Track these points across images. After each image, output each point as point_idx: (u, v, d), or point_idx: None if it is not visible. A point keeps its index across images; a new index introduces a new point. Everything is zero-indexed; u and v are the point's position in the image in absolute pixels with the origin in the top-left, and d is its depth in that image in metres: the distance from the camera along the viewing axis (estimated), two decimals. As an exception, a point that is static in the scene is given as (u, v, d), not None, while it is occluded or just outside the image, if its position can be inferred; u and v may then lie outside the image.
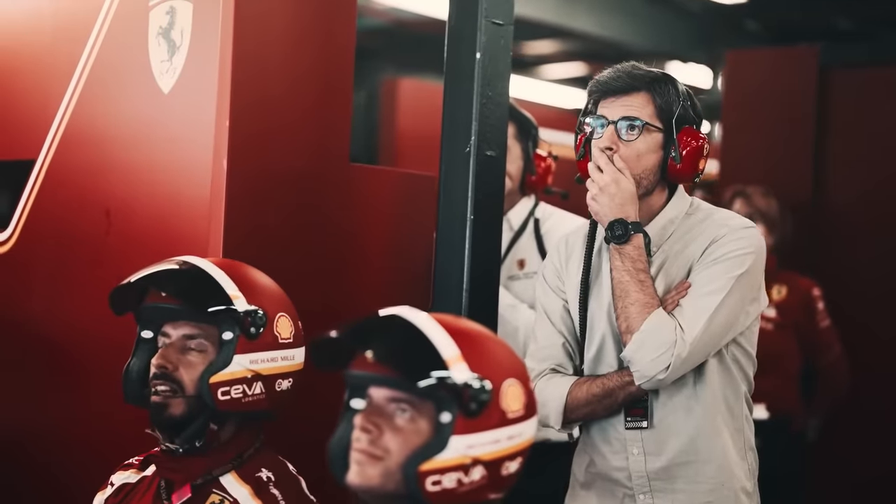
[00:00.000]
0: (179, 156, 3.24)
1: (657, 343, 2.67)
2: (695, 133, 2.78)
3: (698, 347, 2.69)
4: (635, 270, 2.72)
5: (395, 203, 3.57)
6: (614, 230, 2.73)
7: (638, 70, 2.81)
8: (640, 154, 2.76)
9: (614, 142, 2.76)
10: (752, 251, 2.76)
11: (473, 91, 3.24)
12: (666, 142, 2.78)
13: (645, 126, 2.76)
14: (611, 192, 2.72)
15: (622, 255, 2.73)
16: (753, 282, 2.78)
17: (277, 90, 3.23)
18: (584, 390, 2.82)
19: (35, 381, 3.68)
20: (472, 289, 3.24)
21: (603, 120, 2.79)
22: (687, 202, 2.87)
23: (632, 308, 2.71)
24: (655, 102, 2.77)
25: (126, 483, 2.72)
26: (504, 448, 2.03)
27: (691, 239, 2.80)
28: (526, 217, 3.92)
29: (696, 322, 2.68)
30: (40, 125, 3.63)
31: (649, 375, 2.69)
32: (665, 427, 2.80)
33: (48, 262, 3.64)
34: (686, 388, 2.78)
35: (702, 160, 2.80)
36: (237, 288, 2.57)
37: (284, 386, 2.62)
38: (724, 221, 2.81)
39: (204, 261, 2.63)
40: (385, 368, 2.04)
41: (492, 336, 2.15)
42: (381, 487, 2.03)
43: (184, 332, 2.56)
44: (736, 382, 2.82)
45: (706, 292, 2.71)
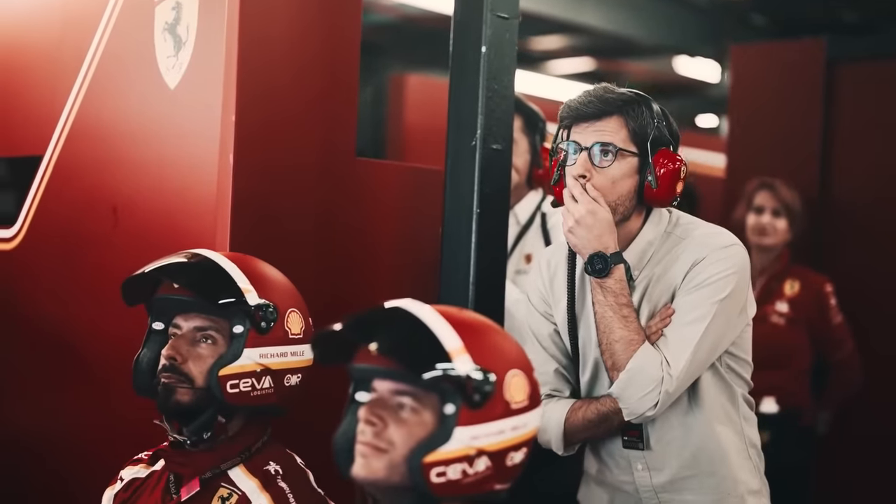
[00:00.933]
0: (186, 151, 3.24)
1: (644, 381, 2.64)
2: (671, 155, 2.71)
3: (685, 378, 2.67)
4: (618, 305, 2.67)
5: (401, 197, 3.57)
6: (594, 264, 2.67)
7: (610, 93, 2.72)
8: (616, 180, 2.69)
9: (588, 169, 2.69)
10: (734, 271, 2.69)
11: (479, 85, 3.23)
12: (641, 165, 2.70)
13: (619, 151, 2.68)
14: (587, 224, 2.66)
15: (604, 289, 2.68)
16: (738, 300, 2.72)
17: (283, 85, 3.24)
18: (580, 416, 2.79)
19: (42, 377, 3.69)
20: (478, 283, 3.24)
21: (576, 146, 2.72)
22: (665, 220, 2.79)
23: (616, 345, 2.67)
24: (629, 126, 2.70)
25: (135, 478, 2.73)
26: (508, 439, 2.04)
27: (672, 261, 2.73)
28: (533, 211, 3.91)
29: (681, 354, 2.65)
30: (47, 121, 3.65)
31: (637, 413, 2.68)
32: (664, 445, 2.79)
33: (55, 259, 3.66)
34: (681, 405, 2.76)
35: (679, 182, 2.72)
36: (249, 282, 2.57)
37: (293, 381, 2.62)
38: (704, 241, 2.73)
39: (216, 254, 2.64)
40: (389, 361, 2.04)
41: (495, 327, 2.15)
42: (386, 480, 2.03)
43: (195, 324, 2.57)
44: (731, 389, 2.80)
45: (689, 320, 2.66)
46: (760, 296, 5.18)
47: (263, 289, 2.58)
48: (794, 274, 5.24)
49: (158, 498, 2.63)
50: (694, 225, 2.80)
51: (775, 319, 5.18)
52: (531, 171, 3.93)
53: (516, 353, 2.12)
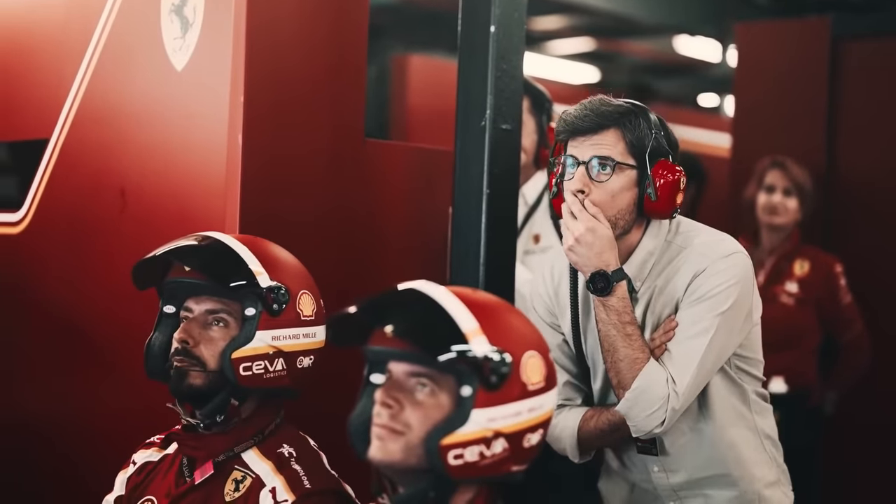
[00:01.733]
0: (194, 133, 3.23)
1: (650, 400, 2.63)
2: (670, 166, 2.68)
3: (691, 393, 2.66)
4: (621, 324, 2.65)
5: (410, 178, 3.56)
6: (596, 283, 2.64)
7: (606, 106, 2.68)
8: (615, 194, 2.65)
9: (586, 184, 2.65)
10: (736, 282, 2.66)
11: (488, 65, 3.22)
12: (640, 178, 2.67)
13: (617, 165, 2.65)
14: (588, 242, 2.62)
15: (606, 307, 2.66)
16: (741, 310, 2.69)
17: (292, 66, 3.22)
18: (592, 425, 2.78)
19: (51, 361, 3.69)
20: (488, 263, 3.23)
21: (573, 160, 2.68)
22: (664, 229, 2.75)
23: (621, 364, 2.65)
24: (626, 139, 2.65)
25: (148, 461, 2.73)
26: (525, 420, 2.04)
27: (674, 272, 2.71)
28: (541, 191, 3.90)
29: (686, 369, 2.63)
30: (53, 104, 3.63)
31: (645, 430, 2.67)
32: (677, 450, 2.78)
33: (63, 242, 3.65)
34: (691, 411, 2.75)
35: (679, 193, 2.69)
36: (260, 264, 2.57)
37: (306, 363, 2.62)
38: (704, 251, 2.69)
39: (228, 236, 2.63)
40: (404, 343, 2.04)
41: (511, 308, 2.15)
42: (403, 462, 2.03)
43: (206, 307, 2.56)
44: (741, 388, 2.79)
45: (693, 334, 2.65)
46: (770, 275, 5.17)
47: (275, 271, 2.58)
48: (804, 254, 5.22)
49: (172, 481, 2.63)
50: (695, 232, 2.77)
51: (785, 299, 5.17)
52: (538, 152, 3.92)
53: (532, 334, 2.12)
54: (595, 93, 2.76)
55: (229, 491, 2.54)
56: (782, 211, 5.16)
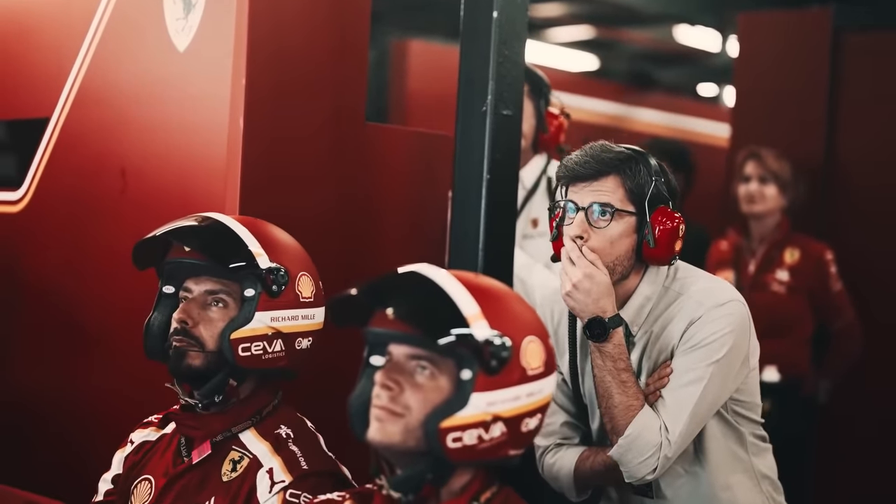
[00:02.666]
0: (195, 114, 3.23)
1: (642, 447, 2.63)
2: (669, 213, 2.68)
3: (684, 440, 2.67)
4: (616, 370, 2.65)
5: (410, 162, 3.56)
6: (592, 329, 2.64)
7: (607, 152, 2.69)
8: (613, 240, 2.66)
9: (585, 230, 2.66)
10: (730, 330, 2.66)
11: (490, 50, 3.21)
12: (639, 224, 2.68)
13: (616, 212, 2.66)
14: (585, 289, 2.63)
15: (602, 353, 2.66)
16: (737, 356, 2.70)
17: (293, 48, 3.22)
18: (588, 466, 2.79)
19: (51, 341, 3.69)
20: (487, 248, 3.23)
21: (573, 205, 2.69)
22: (663, 274, 2.75)
23: (615, 410, 2.66)
24: (626, 185, 2.66)
25: (146, 441, 2.74)
26: (524, 405, 2.05)
27: (670, 318, 2.71)
28: (538, 175, 3.91)
29: (678, 418, 2.64)
30: (54, 83, 3.63)
31: (637, 476, 2.67)
32: (673, 492, 2.79)
33: (63, 222, 3.64)
34: (687, 455, 2.75)
35: (678, 241, 2.69)
36: (260, 245, 2.57)
37: (304, 345, 2.62)
38: (700, 298, 2.69)
39: (227, 217, 2.64)
40: (405, 326, 2.05)
41: (512, 293, 2.16)
42: (402, 444, 2.04)
43: (206, 287, 2.57)
44: (738, 431, 2.80)
45: (686, 382, 2.65)
46: (761, 264, 5.21)
47: (274, 252, 2.58)
48: (794, 242, 5.26)
49: (169, 461, 2.64)
50: (692, 279, 2.77)
51: (776, 288, 5.20)
52: (536, 136, 3.92)
53: (532, 319, 2.13)
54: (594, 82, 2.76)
55: (226, 471, 2.55)
56: (759, 199, 5.22)
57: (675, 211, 2.70)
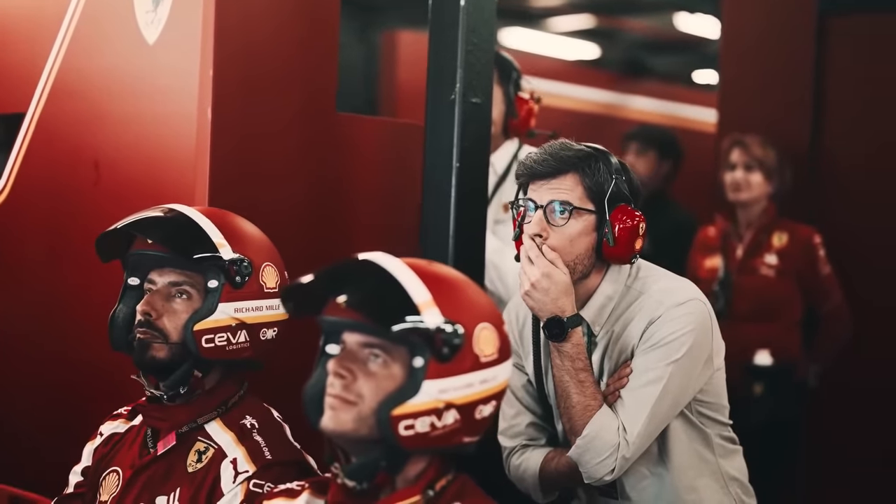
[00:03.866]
0: (165, 107, 3.23)
1: (600, 448, 2.62)
2: (629, 211, 2.67)
3: (643, 441, 2.66)
4: (574, 370, 2.65)
5: (382, 152, 3.56)
6: (550, 329, 2.64)
7: (566, 150, 2.67)
8: (572, 238, 2.65)
9: (543, 228, 2.65)
10: (689, 329, 2.65)
11: (458, 38, 3.20)
12: (599, 222, 2.66)
13: (574, 210, 2.65)
14: (543, 288, 2.62)
15: (561, 353, 2.66)
16: (698, 356, 2.69)
17: (262, 39, 3.22)
18: (553, 467, 2.78)
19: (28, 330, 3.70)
20: (458, 235, 3.23)
21: (532, 203, 2.69)
22: (625, 273, 2.75)
23: (573, 411, 2.65)
24: (585, 183, 2.65)
25: (115, 433, 2.74)
26: (477, 392, 2.05)
27: (630, 318, 2.70)
28: (510, 160, 3.89)
29: (637, 418, 2.63)
30: (29, 79, 3.63)
31: (595, 477, 2.66)
32: (637, 493, 2.78)
33: (41, 214, 3.65)
34: (650, 455, 2.75)
35: (638, 239, 2.68)
36: (223, 236, 2.57)
37: (269, 335, 2.63)
38: (660, 297, 2.69)
39: (191, 209, 2.63)
40: (358, 314, 2.05)
41: (465, 280, 2.15)
42: (355, 432, 2.04)
43: (169, 279, 2.57)
44: (704, 433, 2.78)
45: (645, 382, 2.64)
46: (749, 249, 5.20)
47: (238, 243, 2.58)
48: (782, 226, 5.25)
49: (136, 452, 2.64)
50: (654, 278, 2.76)
51: (765, 271, 5.19)
52: (506, 121, 3.91)
53: (486, 306, 2.12)
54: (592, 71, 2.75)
55: (192, 462, 2.56)
56: (745, 186, 5.22)
57: (635, 210, 2.69)
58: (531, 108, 3.93)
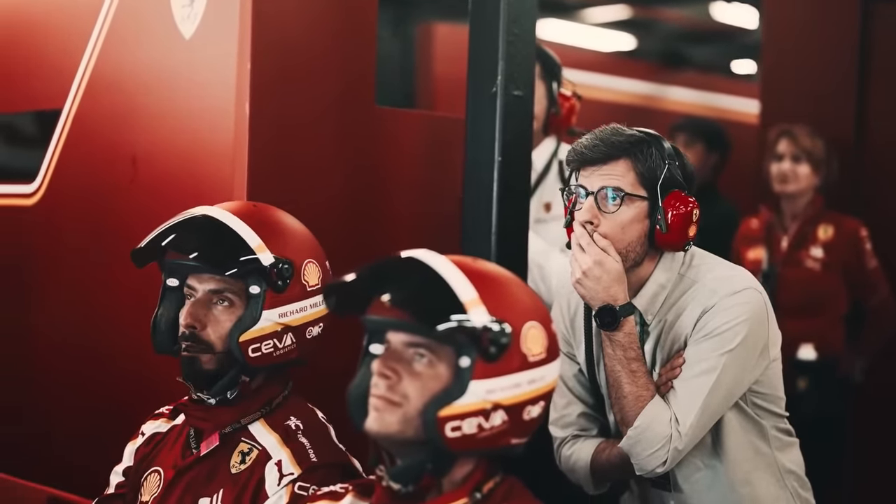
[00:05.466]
0: (202, 101, 3.21)
1: (652, 439, 2.57)
2: (683, 197, 2.61)
3: (695, 433, 2.60)
4: (626, 360, 2.60)
5: (422, 146, 3.52)
6: (602, 318, 2.59)
7: (617, 135, 2.62)
8: (624, 226, 2.60)
9: (595, 215, 2.60)
10: (744, 319, 2.59)
11: (499, 29, 3.15)
12: (652, 209, 2.61)
13: (627, 196, 2.59)
14: (595, 276, 2.57)
15: (613, 342, 2.61)
16: (753, 347, 2.63)
17: (299, 32, 3.19)
18: (605, 458, 2.73)
19: (68, 332, 3.68)
20: (500, 232, 3.17)
21: (583, 190, 2.63)
22: (678, 261, 2.69)
23: (624, 401, 2.60)
24: (637, 169, 2.60)
25: (157, 432, 2.71)
26: (525, 392, 2.00)
27: (683, 307, 2.65)
28: (549, 158, 3.84)
29: (690, 409, 2.57)
30: (65, 74, 3.62)
31: (647, 469, 2.61)
32: (691, 486, 2.72)
33: (76, 213, 3.64)
34: (705, 447, 2.69)
35: (692, 226, 2.62)
36: (260, 238, 2.50)
37: (315, 332, 2.59)
38: (715, 286, 2.63)
39: (224, 212, 2.54)
40: (402, 313, 2.00)
41: (512, 278, 2.10)
42: (400, 434, 1.99)
43: (209, 286, 2.51)
44: (759, 425, 2.72)
45: (698, 372, 2.58)
46: (794, 241, 5.13)
47: (277, 244, 2.51)
48: (828, 219, 5.18)
49: (178, 453, 2.61)
50: (707, 266, 2.70)
51: (810, 264, 5.12)
52: (548, 118, 3.85)
53: (533, 304, 2.07)
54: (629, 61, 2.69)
55: (235, 463, 2.52)
56: (792, 178, 5.14)
57: (689, 196, 2.63)
58: (573, 105, 3.87)
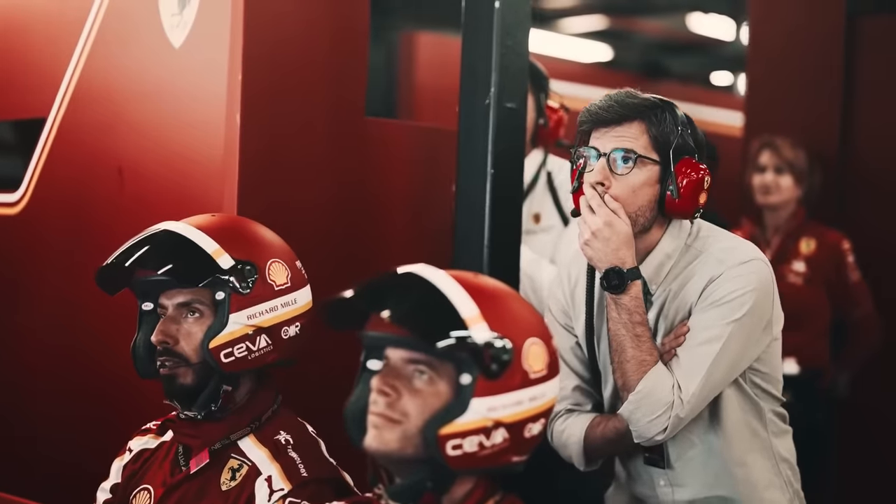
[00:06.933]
0: (192, 111, 3.18)
1: (653, 405, 2.54)
2: (695, 164, 2.59)
3: (698, 403, 2.57)
4: (631, 324, 2.57)
5: (412, 157, 3.50)
6: (609, 280, 2.55)
7: (632, 98, 2.60)
8: (636, 189, 2.57)
9: (606, 176, 2.56)
10: (752, 288, 2.56)
11: (492, 41, 3.14)
12: (663, 175, 2.58)
13: (639, 158, 2.56)
14: (605, 237, 2.54)
15: (618, 305, 2.57)
16: (759, 318, 2.60)
17: (291, 43, 3.17)
18: (599, 433, 2.70)
19: (49, 345, 3.64)
20: (493, 242, 3.17)
21: (595, 152, 2.60)
22: (685, 232, 2.67)
23: (627, 366, 2.57)
24: (650, 132, 2.57)
25: (144, 448, 2.68)
26: (527, 409, 1.98)
27: (689, 276, 2.62)
28: (537, 170, 3.83)
29: (693, 377, 2.54)
30: (50, 82, 3.58)
31: (646, 436, 2.58)
32: (685, 462, 2.69)
33: (61, 223, 3.60)
34: (701, 422, 2.66)
35: (702, 193, 2.59)
36: (218, 244, 2.48)
37: (292, 332, 2.55)
38: (722, 256, 2.60)
39: (180, 224, 2.54)
40: (402, 329, 1.97)
41: (513, 294, 2.08)
42: (400, 452, 1.97)
43: (178, 300, 2.50)
44: (758, 406, 2.70)
45: (703, 340, 2.56)
46: (776, 255, 5.12)
47: (237, 248, 2.49)
48: (810, 231, 5.18)
49: (167, 470, 2.58)
50: (714, 237, 2.68)
51: (792, 279, 5.11)
52: (536, 130, 3.84)
53: (534, 320, 2.05)
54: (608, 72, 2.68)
55: (225, 479, 2.50)
56: (775, 190, 5.15)
57: (700, 163, 2.62)
58: (561, 117, 3.86)
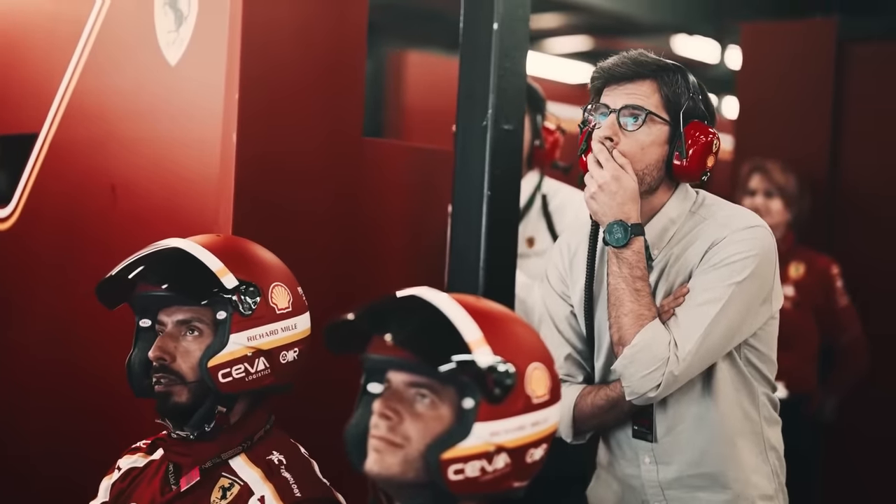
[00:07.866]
0: (187, 130, 3.16)
1: (648, 359, 2.52)
2: (704, 128, 2.58)
3: (693, 363, 2.55)
4: (632, 278, 2.55)
5: (408, 178, 3.49)
6: (613, 233, 2.54)
7: (645, 57, 2.60)
8: (644, 146, 2.56)
9: (615, 132, 2.56)
10: (755, 253, 2.55)
11: (490, 63, 3.14)
12: (672, 136, 2.58)
13: (649, 116, 2.56)
14: (611, 191, 2.53)
15: (620, 259, 2.56)
16: (761, 285, 2.58)
17: (288, 62, 3.15)
18: (589, 402, 2.69)
19: (41, 360, 3.61)
20: (488, 264, 3.16)
21: (605, 108, 2.60)
22: (691, 199, 2.66)
23: (624, 319, 2.55)
24: (662, 92, 2.57)
25: (133, 467, 2.65)
26: (529, 435, 1.96)
27: (692, 241, 2.61)
28: (532, 192, 3.83)
29: (690, 335, 2.52)
30: (43, 98, 3.56)
31: (639, 392, 2.55)
32: (673, 437, 2.67)
33: (51, 239, 3.57)
34: (693, 396, 2.63)
35: (710, 157, 2.59)
36: (223, 264, 2.47)
37: (290, 357, 2.53)
38: (725, 221, 2.60)
39: (186, 241, 2.53)
40: (404, 352, 1.96)
41: (515, 318, 2.07)
42: (401, 476, 1.95)
43: (178, 317, 2.48)
44: (751, 386, 2.67)
45: (702, 301, 2.54)
46: (765, 280, 5.12)
47: (241, 269, 2.48)
48: (799, 256, 5.19)
49: (157, 488, 2.55)
50: (719, 206, 2.68)
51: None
52: (532, 151, 3.83)
53: (537, 344, 2.04)
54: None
55: (216, 499, 2.47)
56: (765, 213, 5.14)
57: (709, 127, 2.61)
58: (557, 139, 3.86)
